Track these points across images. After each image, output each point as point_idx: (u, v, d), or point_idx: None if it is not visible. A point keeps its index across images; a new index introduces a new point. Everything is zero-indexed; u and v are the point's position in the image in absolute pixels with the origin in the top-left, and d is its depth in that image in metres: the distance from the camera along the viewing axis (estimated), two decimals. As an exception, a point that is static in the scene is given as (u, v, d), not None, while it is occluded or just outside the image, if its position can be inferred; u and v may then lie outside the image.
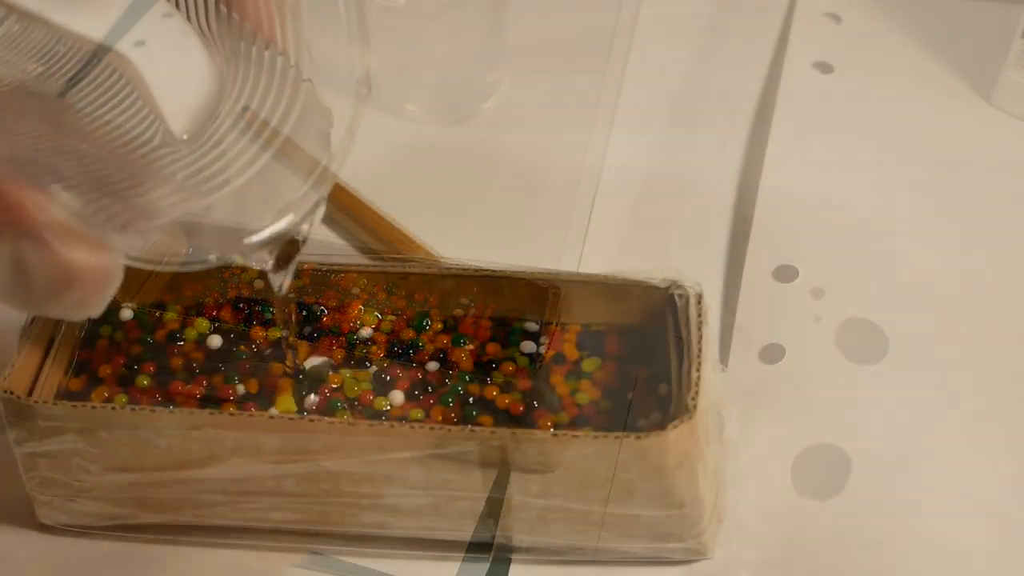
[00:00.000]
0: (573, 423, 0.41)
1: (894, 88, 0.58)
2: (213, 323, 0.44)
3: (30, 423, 0.40)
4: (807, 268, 0.50)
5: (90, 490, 0.42)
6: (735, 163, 0.56)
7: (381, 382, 0.42)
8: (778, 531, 0.42)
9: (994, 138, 0.56)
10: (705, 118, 0.58)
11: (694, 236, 0.52)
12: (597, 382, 0.42)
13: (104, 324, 0.45)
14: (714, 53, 0.61)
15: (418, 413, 0.41)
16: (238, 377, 0.42)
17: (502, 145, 0.58)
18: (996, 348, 0.47)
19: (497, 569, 0.42)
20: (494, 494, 0.40)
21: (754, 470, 0.44)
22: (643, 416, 0.41)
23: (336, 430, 0.39)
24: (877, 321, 0.48)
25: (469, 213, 0.55)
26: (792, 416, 0.45)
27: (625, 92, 0.59)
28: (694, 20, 0.63)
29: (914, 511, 0.42)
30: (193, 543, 0.43)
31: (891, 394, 0.46)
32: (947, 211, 0.52)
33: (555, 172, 0.56)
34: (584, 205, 0.54)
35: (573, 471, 0.38)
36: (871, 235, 0.52)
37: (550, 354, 0.43)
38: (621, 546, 0.41)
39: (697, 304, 0.41)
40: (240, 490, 0.41)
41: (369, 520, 0.41)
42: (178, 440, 0.40)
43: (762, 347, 0.48)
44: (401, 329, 0.44)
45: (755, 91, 0.59)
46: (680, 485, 0.39)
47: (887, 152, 0.55)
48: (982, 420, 0.45)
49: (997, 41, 0.57)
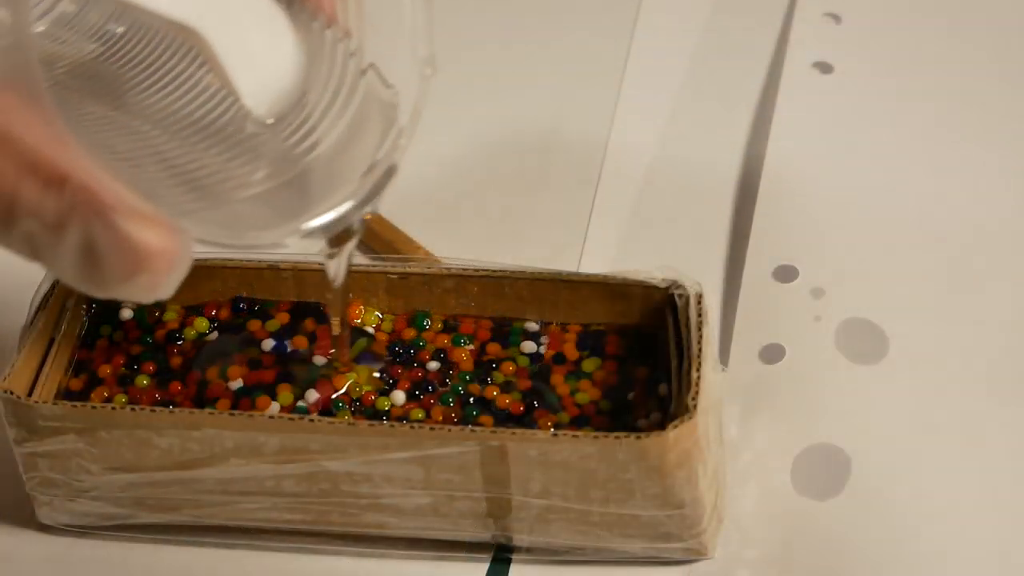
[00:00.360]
0: (573, 423, 0.41)
1: (894, 88, 0.58)
2: (212, 323, 0.44)
3: (30, 423, 0.40)
4: (807, 268, 0.50)
5: (90, 490, 0.42)
6: (735, 163, 0.56)
7: (382, 382, 0.42)
8: (778, 531, 0.42)
9: (995, 138, 0.56)
10: (705, 118, 0.58)
11: (694, 236, 0.52)
12: (597, 382, 0.42)
13: (104, 324, 0.45)
14: (714, 53, 0.61)
15: (418, 413, 0.41)
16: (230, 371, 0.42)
17: (502, 145, 0.58)
18: (996, 348, 0.47)
19: (497, 569, 0.42)
20: (494, 494, 0.40)
21: (754, 470, 0.44)
22: (643, 416, 0.41)
23: (336, 430, 0.39)
24: (877, 321, 0.48)
25: (470, 213, 0.55)
26: (792, 416, 0.45)
27: (625, 92, 0.59)
28: (694, 20, 0.63)
29: (914, 511, 0.42)
30: (193, 543, 0.43)
31: (891, 394, 0.46)
32: (947, 211, 0.52)
33: (555, 172, 0.56)
34: (584, 205, 0.54)
35: (573, 471, 0.38)
36: (871, 235, 0.52)
37: (550, 354, 0.43)
38: (621, 546, 0.41)
39: (697, 304, 0.41)
40: (240, 490, 0.41)
41: (369, 520, 0.41)
42: (178, 440, 0.40)
43: (762, 347, 0.48)
44: (402, 328, 0.44)
45: (755, 91, 0.59)
46: (680, 485, 0.39)
47: (887, 152, 0.55)
48: (982, 420, 0.45)
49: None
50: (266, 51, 0.33)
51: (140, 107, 0.32)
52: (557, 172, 0.56)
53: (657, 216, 0.53)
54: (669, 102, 0.59)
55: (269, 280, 0.44)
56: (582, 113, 0.59)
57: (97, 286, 0.30)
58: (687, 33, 0.62)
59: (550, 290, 0.44)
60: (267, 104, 0.33)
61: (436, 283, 0.44)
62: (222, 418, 0.39)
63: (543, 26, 0.64)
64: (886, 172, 0.54)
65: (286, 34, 0.34)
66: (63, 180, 0.29)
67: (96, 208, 0.29)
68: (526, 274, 0.44)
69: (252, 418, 0.39)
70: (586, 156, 0.56)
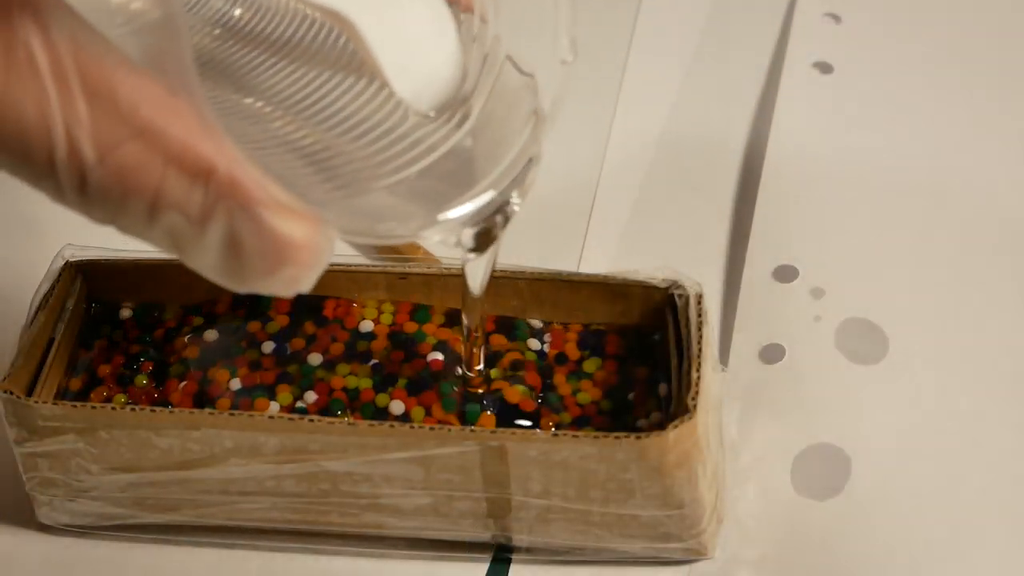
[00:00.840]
0: (574, 423, 0.41)
1: (894, 88, 0.58)
2: (211, 323, 0.44)
3: (30, 423, 0.40)
4: (807, 268, 0.50)
5: (90, 490, 0.42)
6: (735, 163, 0.56)
7: (382, 380, 0.42)
8: (778, 531, 0.42)
9: (995, 138, 0.56)
10: (705, 118, 0.58)
11: (694, 236, 0.52)
12: (598, 382, 0.42)
13: (104, 324, 0.45)
14: (714, 53, 0.61)
15: (419, 413, 0.41)
16: (232, 370, 0.42)
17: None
18: (996, 348, 0.47)
19: (497, 569, 0.42)
20: (494, 494, 0.40)
21: (754, 470, 0.44)
22: (643, 416, 0.41)
23: (336, 430, 0.39)
24: (877, 321, 0.48)
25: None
26: (792, 416, 0.45)
27: (625, 92, 0.59)
28: (693, 21, 0.63)
29: (914, 511, 0.42)
30: (193, 543, 0.43)
31: (891, 394, 0.46)
32: (947, 211, 0.52)
33: (555, 172, 0.56)
34: (584, 205, 0.54)
35: (573, 471, 0.38)
36: (871, 235, 0.52)
37: (553, 353, 0.43)
38: (621, 546, 0.41)
39: (697, 304, 0.41)
40: (240, 490, 0.41)
41: (369, 520, 0.41)
42: (178, 440, 0.40)
43: (762, 347, 0.48)
44: (403, 322, 0.44)
45: (755, 91, 0.59)
46: (680, 485, 0.39)
47: (887, 152, 0.55)
48: (982, 420, 0.45)
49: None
50: (423, 40, 0.32)
51: (270, 94, 0.31)
52: (557, 172, 0.56)
53: (657, 216, 0.53)
54: (669, 102, 0.59)
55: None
56: (582, 113, 0.59)
57: (240, 280, 0.29)
58: (687, 33, 0.62)
59: (550, 290, 0.44)
60: (426, 96, 0.32)
61: (436, 283, 0.44)
62: (222, 418, 0.39)
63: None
64: (886, 172, 0.54)
65: (445, 20, 0.32)
66: (210, 172, 0.27)
67: (242, 201, 0.28)
68: (526, 274, 0.44)
69: (252, 418, 0.39)
70: (586, 156, 0.56)
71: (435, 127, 0.32)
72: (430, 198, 0.32)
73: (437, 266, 0.45)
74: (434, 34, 0.32)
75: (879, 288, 0.50)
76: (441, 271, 0.44)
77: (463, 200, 0.32)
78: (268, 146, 0.31)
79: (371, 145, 0.31)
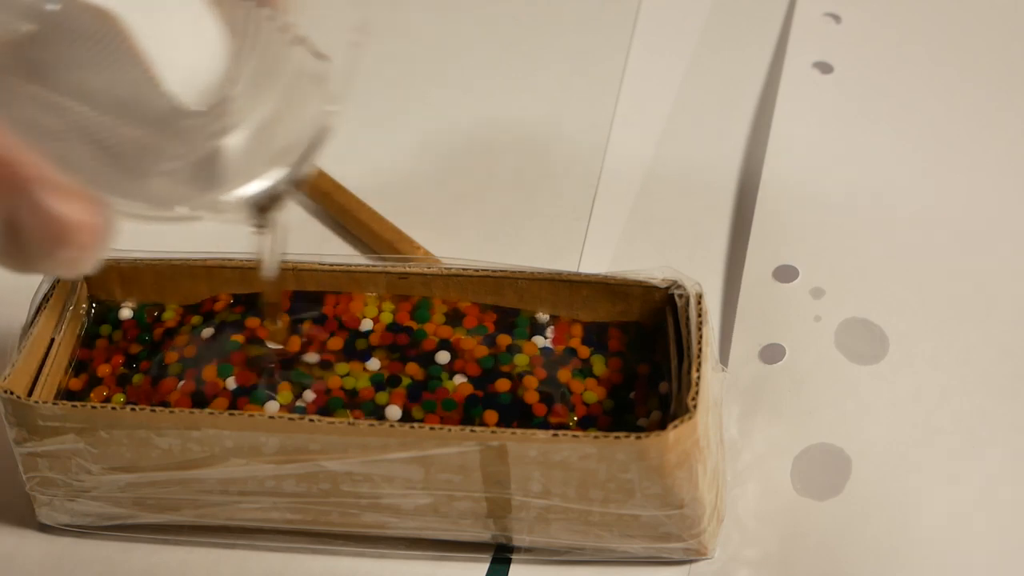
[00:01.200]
0: (577, 422, 0.41)
1: (894, 88, 0.58)
2: (211, 322, 0.44)
3: (30, 423, 0.40)
4: (807, 268, 0.50)
5: (90, 490, 0.42)
6: (735, 163, 0.56)
7: (381, 379, 0.42)
8: (778, 531, 0.42)
9: (995, 138, 0.56)
10: (705, 118, 0.58)
11: (694, 236, 0.52)
12: (600, 382, 0.42)
13: (103, 324, 0.45)
14: (714, 53, 0.61)
15: (419, 412, 0.41)
16: (230, 369, 0.42)
17: (502, 145, 0.58)
18: (996, 348, 0.47)
19: (497, 569, 0.42)
20: (494, 494, 0.40)
21: (754, 470, 0.44)
22: (643, 416, 0.41)
23: (336, 430, 0.39)
24: (877, 321, 0.48)
25: (470, 213, 0.55)
26: (792, 416, 0.45)
27: (625, 93, 0.59)
28: (693, 21, 0.63)
29: (914, 511, 0.42)
30: (193, 543, 0.43)
31: (891, 394, 0.46)
32: (947, 211, 0.52)
33: (555, 172, 0.56)
34: (584, 205, 0.54)
35: (573, 471, 0.38)
36: (871, 235, 0.52)
37: (559, 349, 0.43)
38: (621, 546, 0.41)
39: (697, 304, 0.41)
40: (240, 490, 0.41)
41: (369, 520, 0.41)
42: (178, 440, 0.40)
43: (762, 347, 0.48)
44: (404, 321, 0.44)
45: (755, 91, 0.59)
46: (680, 485, 0.39)
47: (887, 152, 0.55)
48: (982, 420, 0.45)
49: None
50: (189, 34, 0.33)
51: (69, 86, 0.32)
52: (557, 172, 0.56)
53: (657, 216, 0.54)
54: (669, 102, 0.59)
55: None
56: (582, 113, 0.59)
57: (20, 262, 0.30)
58: (687, 33, 0.62)
59: (550, 290, 0.44)
60: (191, 89, 0.33)
61: (436, 283, 0.44)
62: (222, 418, 0.39)
63: (543, 26, 0.64)
64: (886, 172, 0.54)
65: (208, 16, 0.34)
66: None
67: (16, 182, 0.28)
68: (526, 274, 0.44)
69: (252, 418, 0.39)
70: (586, 156, 0.56)
71: (209, 118, 0.33)
72: (214, 180, 0.34)
73: (437, 266, 0.45)
74: (200, 31, 0.34)
75: (879, 288, 0.50)
76: (441, 271, 0.44)
77: (245, 181, 0.34)
78: (66, 137, 0.32)
79: (152, 135, 0.32)
